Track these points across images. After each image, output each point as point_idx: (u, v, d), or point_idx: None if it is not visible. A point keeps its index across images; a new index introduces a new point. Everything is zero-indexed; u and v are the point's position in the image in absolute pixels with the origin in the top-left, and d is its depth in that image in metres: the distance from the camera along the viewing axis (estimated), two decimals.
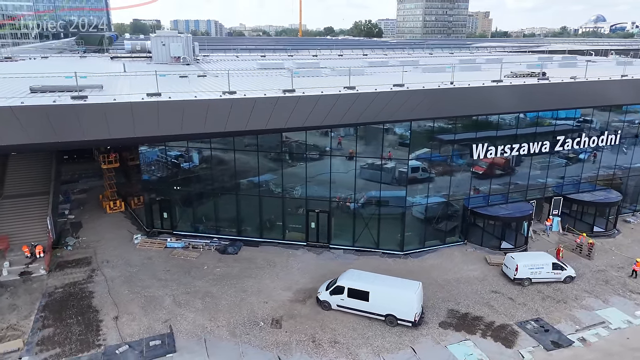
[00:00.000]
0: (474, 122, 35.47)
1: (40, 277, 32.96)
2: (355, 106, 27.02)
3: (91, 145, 27.84)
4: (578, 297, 31.26)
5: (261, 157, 36.16)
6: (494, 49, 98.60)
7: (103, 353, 25.29)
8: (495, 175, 38.12)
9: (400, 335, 27.13)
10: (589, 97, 34.64)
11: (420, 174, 36.15)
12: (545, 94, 32.26)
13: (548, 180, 40.11)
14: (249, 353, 25.51)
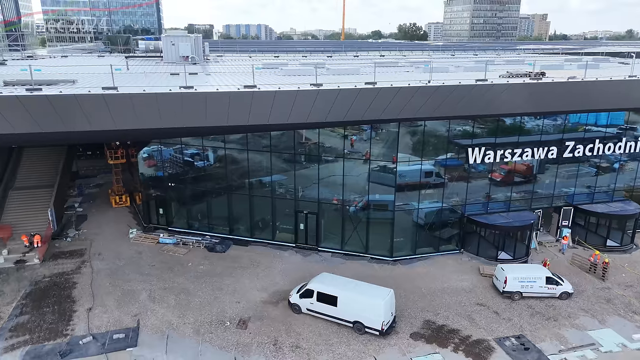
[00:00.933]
0: (470, 125, 33.66)
1: (33, 266, 34.16)
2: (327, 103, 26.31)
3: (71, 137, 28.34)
4: (571, 315, 28.92)
5: (251, 156, 35.90)
6: (534, 50, 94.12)
7: (67, 343, 25.74)
8: (514, 183, 36.34)
9: (366, 343, 26.01)
10: (584, 99, 31.97)
11: (434, 179, 34.82)
12: (539, 94, 30.09)
13: (557, 188, 37.44)
14: (207, 352, 25.23)
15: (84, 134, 24.26)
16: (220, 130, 31.70)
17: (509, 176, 36.30)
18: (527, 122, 35.03)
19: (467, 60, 53.74)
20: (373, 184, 33.82)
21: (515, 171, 36.17)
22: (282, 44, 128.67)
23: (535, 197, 37.19)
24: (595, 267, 33.16)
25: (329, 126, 32.74)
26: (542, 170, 37.07)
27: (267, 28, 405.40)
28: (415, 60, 48.10)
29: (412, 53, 76.05)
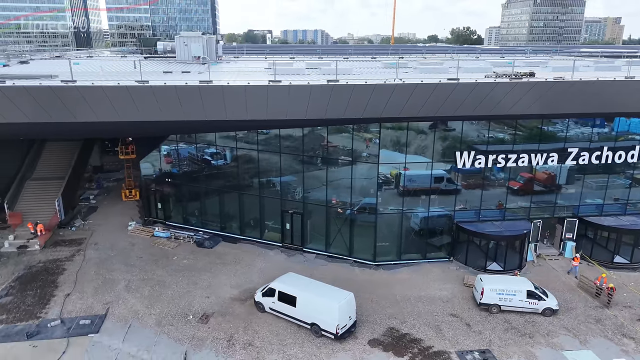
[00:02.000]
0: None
1: (33, 252, 36.20)
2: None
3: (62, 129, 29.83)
4: (551, 333, 26.90)
5: (241, 156, 36.31)
6: (590, 54, 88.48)
7: (37, 325, 27.04)
8: (534, 192, 34.67)
9: (320, 346, 25.48)
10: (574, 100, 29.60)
11: (445, 184, 33.71)
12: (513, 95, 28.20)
13: (560, 198, 35.07)
14: (161, 343, 25.66)
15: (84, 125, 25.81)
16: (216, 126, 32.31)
17: (528, 185, 34.32)
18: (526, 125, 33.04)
19: (491, 62, 51.45)
20: (361, 187, 33.11)
21: (535, 180, 34.34)
22: (312, 47, 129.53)
23: (535, 206, 34.88)
24: (601, 292, 29.83)
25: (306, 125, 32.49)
26: (571, 180, 34.72)
27: (323, 33, 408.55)
28: (427, 62, 46.60)
29: (446, 55, 73.70)
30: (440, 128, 32.19)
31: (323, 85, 26.89)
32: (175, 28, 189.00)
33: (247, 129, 34.36)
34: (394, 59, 47.66)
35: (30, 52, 55.64)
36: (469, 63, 42.72)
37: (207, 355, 24.82)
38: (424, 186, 33.39)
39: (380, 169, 32.09)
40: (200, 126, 32.54)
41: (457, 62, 34.07)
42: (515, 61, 37.67)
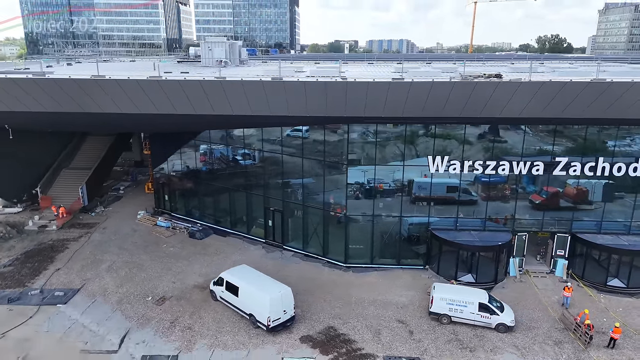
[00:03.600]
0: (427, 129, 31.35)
1: (50, 231, 40.54)
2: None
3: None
4: (496, 350, 25.26)
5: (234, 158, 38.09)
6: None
7: (20, 292, 30.50)
8: (559, 208, 32.61)
9: (252, 337, 26.15)
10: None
11: (460, 194, 32.70)
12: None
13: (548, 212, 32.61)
14: (113, 318, 27.82)
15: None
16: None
17: (552, 200, 32.37)
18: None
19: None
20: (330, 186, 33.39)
21: (564, 195, 32.32)
22: (362, 56, 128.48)
23: (521, 218, 32.74)
24: (579, 328, 26.27)
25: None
26: (610, 198, 32.06)
27: (409, 43, 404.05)
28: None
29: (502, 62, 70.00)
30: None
31: (298, 82, 27.36)
32: (255, 38, 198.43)
33: (232, 125, 35.88)
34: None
35: (84, 56, 61.91)
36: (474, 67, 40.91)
37: (147, 333, 26.50)
38: (436, 195, 32.53)
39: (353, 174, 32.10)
40: (184, 121, 34.56)
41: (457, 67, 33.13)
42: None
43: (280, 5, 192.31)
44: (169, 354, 24.69)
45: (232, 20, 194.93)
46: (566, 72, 33.52)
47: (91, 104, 28.43)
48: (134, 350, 25.08)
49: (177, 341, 25.75)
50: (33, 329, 26.77)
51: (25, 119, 32.87)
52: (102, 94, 27.88)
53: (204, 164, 40.46)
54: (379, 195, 32.76)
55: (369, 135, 31.73)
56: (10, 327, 26.82)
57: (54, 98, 28.21)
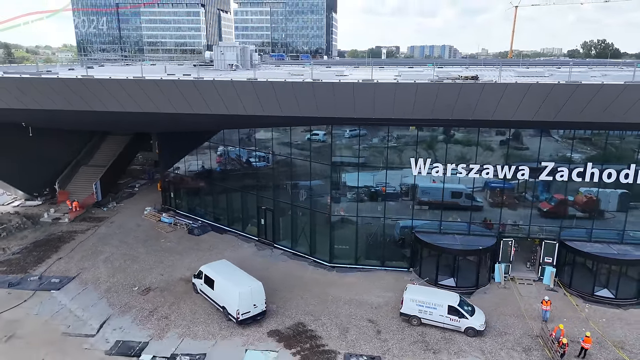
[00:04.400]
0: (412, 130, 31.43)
1: (62, 224, 43.04)
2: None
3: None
4: (460, 353, 25.06)
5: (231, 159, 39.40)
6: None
7: (21, 278, 32.68)
8: (566, 216, 31.76)
9: (222, 329, 27.04)
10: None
11: (464, 200, 32.61)
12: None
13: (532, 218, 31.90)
14: (98, 305, 29.41)
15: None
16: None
17: (559, 208, 31.63)
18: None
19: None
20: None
21: (574, 204, 31.48)
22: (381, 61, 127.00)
23: (507, 223, 32.21)
24: (554, 345, 25.00)
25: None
26: (624, 207, 30.80)
27: (451, 49, 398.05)
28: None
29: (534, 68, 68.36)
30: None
31: (266, 83, 28.23)
32: (291, 44, 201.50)
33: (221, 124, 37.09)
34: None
35: (108, 60, 65.05)
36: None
37: (125, 320, 27.87)
38: (439, 200, 32.30)
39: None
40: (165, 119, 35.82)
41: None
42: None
43: (317, 11, 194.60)
44: (140, 340, 25.90)
45: (270, 27, 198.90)
46: (563, 76, 32.78)
47: (94, 101, 30.07)
48: (109, 335, 26.45)
49: (151, 329, 26.96)
50: (24, 312, 28.67)
51: (39, 116, 35.25)
52: (100, 93, 29.61)
53: (204, 165, 41.88)
54: (366, 198, 33.12)
55: (346, 137, 32.12)
56: (5, 309, 28.82)
57: (61, 96, 30.11)
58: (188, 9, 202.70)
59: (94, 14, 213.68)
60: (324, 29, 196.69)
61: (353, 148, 32.29)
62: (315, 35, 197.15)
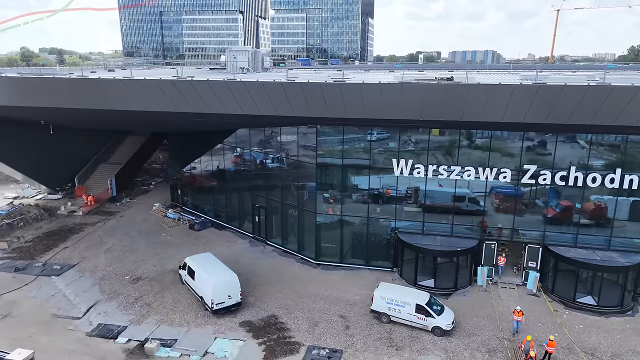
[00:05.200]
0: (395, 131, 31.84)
1: (76, 216, 45.75)
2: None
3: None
4: (423, 351, 25.26)
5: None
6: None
7: (27, 264, 35.15)
8: (572, 223, 30.83)
9: (198, 317, 28.31)
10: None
11: (467, 204, 32.42)
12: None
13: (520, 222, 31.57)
14: (90, 291, 31.37)
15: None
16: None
17: (565, 214, 30.84)
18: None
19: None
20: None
21: (581, 211, 30.48)
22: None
23: (490, 226, 32.04)
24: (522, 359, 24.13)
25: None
26: (636, 216, 29.77)
27: (494, 54, 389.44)
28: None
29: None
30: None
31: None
32: (327, 50, 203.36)
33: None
34: None
35: (134, 65, 68.37)
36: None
37: (110, 305, 29.65)
38: (443, 204, 32.36)
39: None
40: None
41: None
42: None
43: (352, 17, 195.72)
44: (120, 324, 27.52)
45: (305, 33, 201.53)
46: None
47: (99, 100, 32.23)
48: (94, 318, 28.23)
49: (133, 315, 28.57)
50: (23, 294, 30.94)
51: (56, 115, 38.00)
52: (104, 92, 31.83)
53: (208, 165, 43.59)
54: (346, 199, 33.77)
55: (337, 138, 32.85)
56: (7, 291, 31.21)
57: (73, 95, 32.52)
58: (227, 16, 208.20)
59: (139, 21, 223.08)
60: (359, 34, 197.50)
61: (337, 149, 32.96)
62: (350, 40, 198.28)
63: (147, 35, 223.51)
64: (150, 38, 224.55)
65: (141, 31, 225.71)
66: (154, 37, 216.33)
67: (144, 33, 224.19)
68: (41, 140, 44.72)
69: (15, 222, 42.86)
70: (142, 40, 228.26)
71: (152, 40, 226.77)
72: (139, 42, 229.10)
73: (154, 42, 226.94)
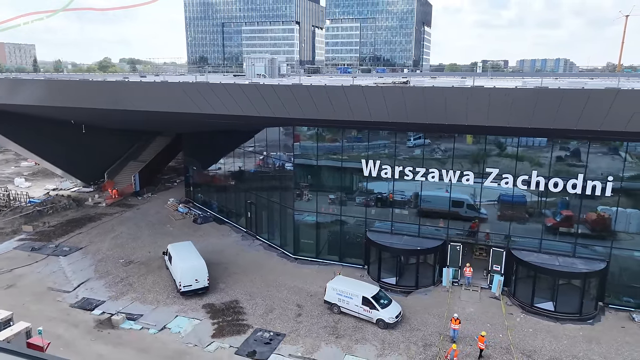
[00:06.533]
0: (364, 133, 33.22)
1: (100, 207, 50.57)
2: None
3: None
4: (360, 340, 26.44)
5: None
6: None
7: (43, 245, 39.75)
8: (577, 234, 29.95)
9: (168, 298, 31.12)
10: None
11: (465, 211, 32.83)
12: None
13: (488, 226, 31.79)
14: (86, 270, 35.15)
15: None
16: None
17: (564, 224, 30.12)
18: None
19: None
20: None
21: (583, 220, 29.75)
22: None
23: (454, 228, 32.52)
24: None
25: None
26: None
27: (567, 62, 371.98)
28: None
29: None
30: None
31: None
32: (380, 58, 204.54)
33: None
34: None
35: (167, 72, 73.63)
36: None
37: (98, 283, 33.19)
38: (440, 209, 32.87)
39: None
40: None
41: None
42: None
43: (406, 26, 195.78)
44: (100, 299, 30.87)
45: (359, 42, 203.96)
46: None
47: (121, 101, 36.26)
48: (81, 293, 31.80)
49: (114, 292, 31.88)
50: (31, 270, 35.24)
51: (83, 115, 42.74)
52: (127, 93, 35.85)
53: (213, 164, 46.84)
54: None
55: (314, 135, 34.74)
56: (19, 266, 35.68)
57: (96, 96, 36.84)
58: (284, 26, 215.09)
59: (204, 32, 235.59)
60: (412, 43, 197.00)
61: (312, 150, 34.80)
62: (404, 49, 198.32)
63: (210, 45, 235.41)
64: (212, 48, 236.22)
65: (205, 42, 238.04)
66: (216, 48, 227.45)
67: (207, 44, 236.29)
68: (77, 140, 49.75)
69: (45, 209, 48.17)
70: (205, 50, 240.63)
71: (214, 50, 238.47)
72: (203, 52, 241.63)
73: (216, 52, 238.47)
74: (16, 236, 41.89)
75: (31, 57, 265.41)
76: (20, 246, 39.55)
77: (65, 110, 40.02)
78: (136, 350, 25.72)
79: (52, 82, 41.16)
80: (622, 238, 29.15)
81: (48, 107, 39.48)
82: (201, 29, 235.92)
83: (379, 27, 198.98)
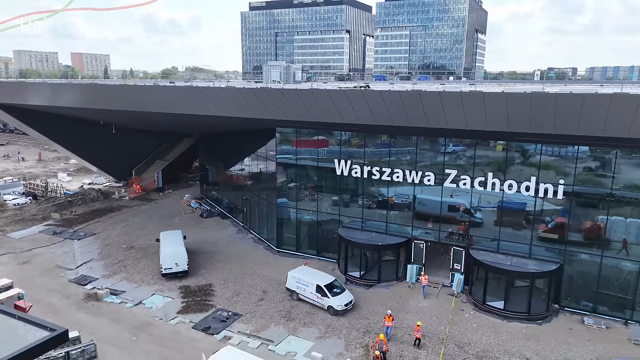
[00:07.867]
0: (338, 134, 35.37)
1: (124, 200, 55.69)
2: None
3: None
4: (307, 324, 28.53)
5: None
6: None
7: (64, 230, 44.86)
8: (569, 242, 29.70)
9: (152, 279, 34.65)
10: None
11: (461, 215, 33.22)
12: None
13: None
14: (92, 252, 39.58)
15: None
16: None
17: (556, 231, 30.01)
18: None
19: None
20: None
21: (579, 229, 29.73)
22: None
23: (418, 227, 33.86)
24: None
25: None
26: None
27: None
28: None
29: None
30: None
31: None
32: (428, 66, 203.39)
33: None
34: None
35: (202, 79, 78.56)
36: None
37: (98, 263, 37.42)
38: (436, 212, 33.48)
39: None
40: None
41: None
42: None
43: (457, 34, 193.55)
44: (94, 277, 34.94)
45: (408, 50, 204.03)
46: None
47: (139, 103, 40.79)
48: (82, 271, 36.05)
49: (108, 272, 35.89)
50: (47, 250, 40.15)
51: (110, 116, 47.87)
52: (146, 96, 40.24)
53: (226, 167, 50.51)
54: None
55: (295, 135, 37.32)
56: (38, 247, 40.73)
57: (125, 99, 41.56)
58: (334, 35, 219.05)
59: (257, 42, 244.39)
60: (463, 50, 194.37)
61: (291, 150, 37.35)
62: (454, 57, 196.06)
63: (263, 55, 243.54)
64: (266, 57, 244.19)
65: (259, 51, 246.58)
66: (270, 57, 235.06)
67: (261, 53, 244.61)
68: (109, 140, 55.24)
69: (75, 200, 53.75)
70: (259, 59, 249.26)
71: (267, 59, 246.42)
72: (257, 61, 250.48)
73: (270, 61, 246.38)
74: (44, 222, 47.34)
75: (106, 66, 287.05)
76: (44, 230, 44.84)
77: (93, 111, 45.06)
78: (110, 319, 29.25)
79: (84, 87, 46.28)
80: (578, 241, 29.41)
81: (80, 108, 44.77)
82: (255, 38, 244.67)
83: (429, 35, 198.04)
